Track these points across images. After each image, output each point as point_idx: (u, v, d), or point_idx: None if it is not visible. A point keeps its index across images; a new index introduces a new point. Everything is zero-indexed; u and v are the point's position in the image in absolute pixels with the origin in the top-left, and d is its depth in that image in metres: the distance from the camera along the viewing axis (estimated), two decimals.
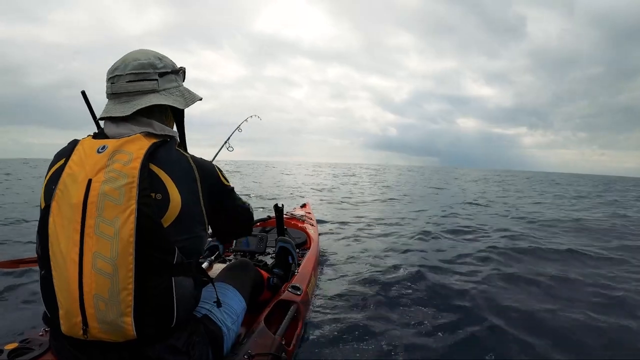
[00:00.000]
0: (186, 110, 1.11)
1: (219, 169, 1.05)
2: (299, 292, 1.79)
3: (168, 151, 0.92)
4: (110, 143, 0.88)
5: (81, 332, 0.82)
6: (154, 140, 0.91)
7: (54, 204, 0.83)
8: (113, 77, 0.95)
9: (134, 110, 0.93)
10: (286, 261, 1.95)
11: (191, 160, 0.95)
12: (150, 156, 0.87)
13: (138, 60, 0.96)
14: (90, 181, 0.82)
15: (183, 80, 1.10)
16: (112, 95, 0.96)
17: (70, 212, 0.81)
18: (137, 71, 0.94)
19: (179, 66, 1.06)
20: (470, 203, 9.04)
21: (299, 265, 2.15)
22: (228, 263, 1.62)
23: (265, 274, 1.63)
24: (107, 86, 0.97)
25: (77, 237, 0.79)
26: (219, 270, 1.42)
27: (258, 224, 2.91)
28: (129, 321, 0.80)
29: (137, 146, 0.87)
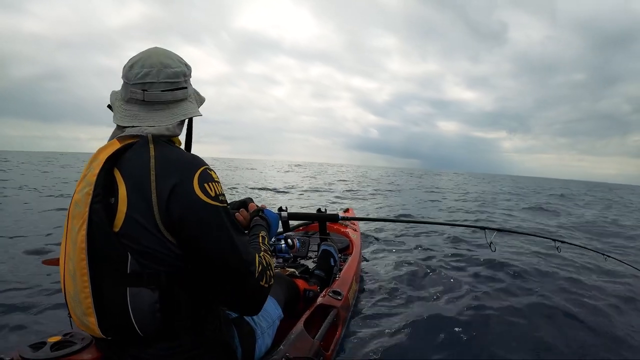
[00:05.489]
0: None
1: (205, 171, 0.85)
2: (339, 297, 1.74)
3: (134, 151, 0.85)
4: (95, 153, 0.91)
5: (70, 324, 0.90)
6: (127, 142, 0.87)
7: None
8: (144, 84, 0.88)
9: (176, 121, 0.91)
10: (328, 264, 1.91)
11: (153, 157, 0.83)
12: (116, 160, 0.85)
13: (170, 67, 0.90)
14: (74, 191, 0.88)
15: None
16: (142, 102, 0.89)
17: (65, 220, 0.89)
18: (171, 80, 0.90)
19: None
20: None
21: (340, 269, 2.10)
22: None
23: (302, 286, 1.59)
24: (132, 91, 0.89)
25: (64, 240, 0.87)
26: None
27: (301, 227, 2.90)
28: (92, 321, 0.83)
29: (106, 152, 0.85)
